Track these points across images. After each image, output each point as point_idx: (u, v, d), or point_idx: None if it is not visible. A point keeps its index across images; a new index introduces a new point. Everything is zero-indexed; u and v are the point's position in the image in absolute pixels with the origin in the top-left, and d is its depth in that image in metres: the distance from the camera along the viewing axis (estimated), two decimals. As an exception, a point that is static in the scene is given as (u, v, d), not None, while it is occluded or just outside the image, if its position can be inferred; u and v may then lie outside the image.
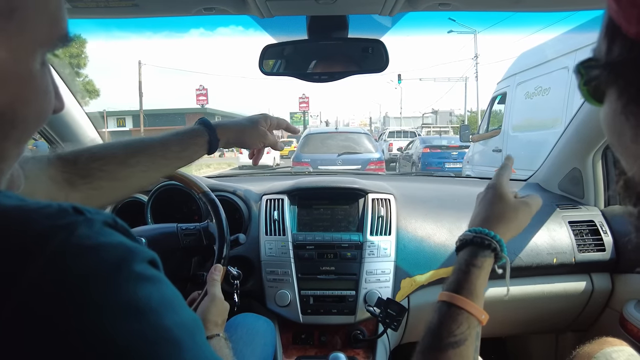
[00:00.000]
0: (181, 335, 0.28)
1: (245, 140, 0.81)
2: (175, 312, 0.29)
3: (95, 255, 0.26)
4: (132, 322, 0.26)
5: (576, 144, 1.33)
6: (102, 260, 0.26)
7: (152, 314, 0.27)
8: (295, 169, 3.77)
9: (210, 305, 0.75)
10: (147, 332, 0.26)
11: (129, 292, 0.26)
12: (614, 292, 1.23)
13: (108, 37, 17.86)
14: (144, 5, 0.83)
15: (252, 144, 0.82)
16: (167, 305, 0.28)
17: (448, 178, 1.89)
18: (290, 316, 1.12)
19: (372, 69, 0.98)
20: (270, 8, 0.84)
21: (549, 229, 1.23)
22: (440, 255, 1.17)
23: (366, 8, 0.86)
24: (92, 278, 0.26)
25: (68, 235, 0.26)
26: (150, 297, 0.27)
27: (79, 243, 0.26)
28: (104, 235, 0.28)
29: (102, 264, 0.26)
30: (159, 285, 0.29)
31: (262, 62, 1.01)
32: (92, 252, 0.26)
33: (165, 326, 0.27)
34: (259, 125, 0.81)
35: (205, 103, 29.81)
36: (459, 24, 15.21)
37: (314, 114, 39.37)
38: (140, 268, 0.28)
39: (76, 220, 0.27)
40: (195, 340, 0.29)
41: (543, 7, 0.84)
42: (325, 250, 1.15)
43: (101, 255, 0.27)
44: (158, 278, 0.29)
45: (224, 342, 0.71)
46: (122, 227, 0.30)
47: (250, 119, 0.82)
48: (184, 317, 0.29)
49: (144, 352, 0.26)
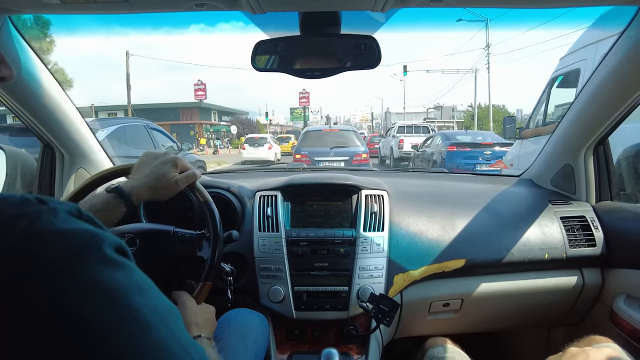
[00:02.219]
0: (150, 317, 0.29)
1: (160, 196, 0.81)
2: (144, 296, 0.30)
3: (59, 240, 0.27)
4: (95, 302, 0.27)
5: (568, 140, 1.34)
6: (66, 245, 0.27)
7: (118, 295, 0.28)
8: (290, 164, 3.91)
9: (181, 309, 0.74)
10: (113, 311, 0.27)
11: (94, 274, 0.27)
12: (604, 287, 1.24)
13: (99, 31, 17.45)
14: (135, 1, 0.83)
15: (167, 195, 0.82)
16: (135, 288, 0.29)
17: (441, 174, 1.90)
18: (284, 312, 1.12)
19: (365, 65, 0.97)
20: (262, 4, 0.84)
21: (541, 224, 1.24)
22: (433, 250, 1.18)
23: (358, 4, 0.86)
24: (57, 260, 0.26)
25: (31, 223, 0.27)
26: (116, 280, 0.28)
27: (43, 229, 0.27)
28: (68, 222, 0.29)
29: (66, 248, 0.27)
30: (126, 270, 0.30)
31: (255, 58, 1.01)
32: (56, 237, 0.27)
33: (132, 307, 0.28)
34: (168, 177, 0.80)
35: (203, 98, 29.30)
36: (470, 11, 14.69)
37: (314, 110, 39.00)
38: (106, 253, 0.29)
39: (39, 209, 0.28)
40: (167, 324, 0.30)
41: (534, 4, 0.85)
42: (319, 247, 1.15)
43: (66, 239, 0.27)
44: (125, 263, 0.30)
45: (206, 342, 0.70)
46: (87, 216, 0.31)
47: (157, 176, 0.80)
48: (155, 301, 0.30)
49: (110, 329, 0.26)
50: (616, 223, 1.23)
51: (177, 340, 0.31)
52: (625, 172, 1.39)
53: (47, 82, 1.12)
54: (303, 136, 8.51)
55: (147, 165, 0.82)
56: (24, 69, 1.04)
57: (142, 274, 0.31)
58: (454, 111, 29.93)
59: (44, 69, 1.10)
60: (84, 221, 0.30)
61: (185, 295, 0.78)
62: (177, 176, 0.82)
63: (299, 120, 34.63)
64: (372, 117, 47.66)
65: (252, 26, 1.07)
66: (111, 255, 0.29)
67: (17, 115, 1.16)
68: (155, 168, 0.81)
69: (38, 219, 0.27)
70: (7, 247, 0.25)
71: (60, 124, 1.22)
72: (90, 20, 10.49)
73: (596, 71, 1.14)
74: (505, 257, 1.18)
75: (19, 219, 0.27)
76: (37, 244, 0.26)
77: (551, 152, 1.42)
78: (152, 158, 0.83)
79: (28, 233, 0.26)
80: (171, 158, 0.83)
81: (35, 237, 0.27)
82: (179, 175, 0.82)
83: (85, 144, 1.33)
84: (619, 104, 1.13)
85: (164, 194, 0.82)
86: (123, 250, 0.31)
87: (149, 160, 0.83)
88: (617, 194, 1.34)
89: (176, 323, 0.32)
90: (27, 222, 0.27)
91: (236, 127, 24.78)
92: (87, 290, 0.27)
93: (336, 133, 8.40)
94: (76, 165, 1.35)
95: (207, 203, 0.88)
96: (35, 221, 0.27)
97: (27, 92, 1.09)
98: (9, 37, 0.97)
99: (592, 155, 1.32)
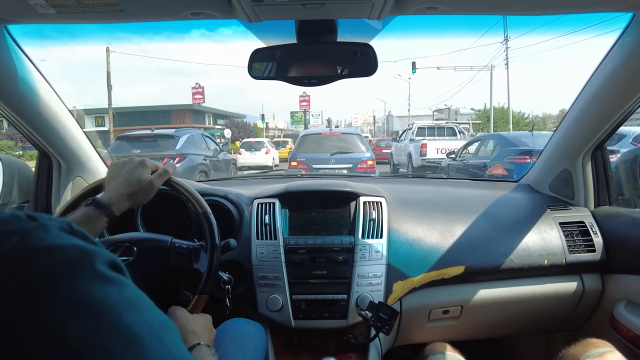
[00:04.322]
0: (143, 334, 0.28)
1: (139, 200, 0.82)
2: (138, 312, 0.29)
3: (49, 256, 0.27)
4: (86, 320, 0.26)
5: (566, 145, 1.34)
6: (56, 260, 0.27)
7: (110, 312, 0.27)
8: (288, 171, 3.84)
9: (176, 321, 0.74)
10: (103, 329, 0.26)
11: (85, 291, 0.27)
12: (605, 293, 1.23)
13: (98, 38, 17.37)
14: (130, 10, 0.83)
15: (146, 198, 0.83)
16: (128, 304, 0.29)
17: (439, 180, 1.90)
18: (282, 321, 1.12)
19: (361, 72, 0.98)
20: (258, 12, 0.84)
21: (540, 230, 1.24)
22: (432, 257, 1.17)
23: (354, 12, 0.86)
24: (43, 276, 0.26)
25: (21, 239, 0.27)
26: (108, 296, 0.28)
27: (32, 245, 0.27)
28: (59, 238, 0.28)
29: (56, 264, 0.27)
30: (120, 286, 0.29)
31: (252, 66, 1.01)
32: (46, 253, 0.27)
33: (125, 324, 0.27)
34: (141, 180, 0.81)
35: (201, 102, 28.67)
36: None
37: (315, 113, 38.68)
38: (97, 269, 0.28)
39: (29, 225, 0.28)
40: (161, 340, 0.29)
41: (529, 11, 0.85)
42: (317, 254, 1.14)
43: (56, 255, 0.27)
44: (118, 279, 0.29)
45: (206, 350, 0.70)
46: (78, 231, 0.31)
47: (131, 182, 0.80)
48: (148, 316, 0.30)
49: (99, 349, 0.26)
50: (615, 228, 1.23)
51: (173, 356, 0.30)
52: (624, 177, 1.39)
53: (43, 90, 1.12)
54: (300, 140, 7.50)
55: (118, 175, 0.82)
56: (21, 78, 1.03)
57: (136, 289, 0.31)
58: (457, 114, 29.26)
59: (40, 78, 1.10)
60: (75, 236, 0.30)
61: (179, 308, 0.77)
62: (150, 177, 0.82)
63: (300, 124, 34.31)
64: (374, 120, 47.54)
65: (248, 33, 1.07)
66: (103, 270, 0.29)
67: (14, 124, 1.15)
68: (126, 175, 0.81)
69: (28, 236, 0.27)
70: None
71: (56, 132, 1.22)
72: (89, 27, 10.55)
73: (592, 77, 1.14)
74: (504, 264, 1.18)
75: (8, 236, 0.27)
76: (27, 260, 0.26)
77: (549, 158, 1.42)
78: (121, 166, 0.83)
79: (17, 249, 0.26)
80: (139, 161, 0.83)
81: (25, 253, 0.26)
82: (151, 176, 0.83)
83: (82, 152, 1.33)
84: (615, 109, 1.13)
85: (142, 198, 0.82)
86: (116, 265, 0.31)
87: (118, 169, 0.83)
88: (616, 199, 1.34)
89: (171, 338, 0.31)
90: (17, 239, 0.27)
91: (230, 131, 24.15)
92: (77, 306, 0.26)
93: (338, 137, 7.37)
94: (73, 173, 1.34)
95: (205, 214, 0.87)
96: (25, 238, 0.27)
97: (23, 101, 1.09)
98: (5, 47, 0.97)
99: (590, 161, 1.32)
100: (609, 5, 0.87)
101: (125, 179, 0.80)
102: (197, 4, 0.83)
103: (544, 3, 0.80)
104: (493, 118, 19.79)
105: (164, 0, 0.83)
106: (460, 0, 0.83)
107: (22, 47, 1.02)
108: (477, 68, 20.68)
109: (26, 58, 1.04)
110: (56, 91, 1.17)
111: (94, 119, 27.28)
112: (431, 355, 1.06)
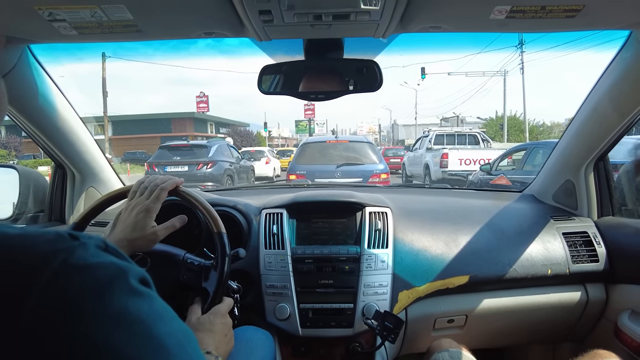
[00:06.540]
0: (170, 344, 0.31)
1: (139, 247, 0.80)
2: (165, 323, 0.32)
3: (90, 274, 0.30)
4: (122, 331, 0.29)
5: (568, 156, 1.36)
6: (96, 278, 0.30)
7: (141, 324, 0.30)
8: (294, 182, 3.53)
9: (191, 326, 0.75)
10: (136, 339, 0.30)
11: (120, 305, 0.30)
12: (609, 303, 1.24)
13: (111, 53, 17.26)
14: (147, 30, 0.87)
15: (147, 247, 0.81)
16: (157, 316, 0.32)
17: (444, 190, 1.91)
18: (290, 329, 1.14)
19: (367, 88, 1.01)
20: (268, 32, 0.88)
21: (543, 240, 1.25)
22: (437, 267, 1.19)
23: (360, 32, 0.90)
24: (88, 292, 0.29)
25: (67, 257, 0.30)
26: (140, 309, 0.31)
27: (76, 263, 0.30)
28: (97, 256, 0.32)
29: (97, 281, 0.30)
30: (149, 300, 0.32)
31: (261, 81, 1.05)
32: (88, 270, 0.30)
33: (155, 335, 0.31)
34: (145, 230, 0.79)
35: (206, 110, 28.37)
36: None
37: (320, 122, 38.42)
38: (131, 284, 0.31)
39: (73, 244, 0.31)
40: (185, 349, 0.33)
41: (528, 30, 0.88)
42: (324, 264, 1.17)
43: (96, 273, 0.30)
44: (148, 293, 0.33)
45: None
46: (112, 249, 0.34)
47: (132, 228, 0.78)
48: (174, 328, 0.33)
49: (133, 357, 0.29)
50: (619, 238, 1.24)
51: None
52: (626, 188, 1.40)
53: (61, 105, 1.16)
54: (300, 150, 6.30)
55: (124, 218, 0.81)
56: (41, 94, 1.08)
57: (162, 301, 0.34)
58: (463, 123, 28.71)
59: (59, 94, 1.15)
60: (110, 254, 0.33)
61: (194, 314, 0.79)
62: (155, 228, 0.81)
63: (304, 133, 34.01)
64: (379, 129, 47.47)
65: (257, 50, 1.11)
66: (136, 286, 0.32)
67: (32, 136, 1.20)
68: (128, 220, 0.80)
69: (72, 254, 0.30)
70: (45, 280, 0.28)
71: (72, 145, 1.27)
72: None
73: (593, 90, 1.17)
74: (508, 273, 1.20)
75: (56, 254, 0.29)
76: (73, 277, 0.29)
77: (552, 168, 1.44)
78: (126, 210, 0.82)
79: (65, 267, 0.29)
80: (144, 208, 0.80)
81: (72, 270, 0.29)
82: (157, 227, 0.81)
83: (95, 163, 1.37)
84: (616, 122, 1.15)
85: (143, 245, 0.80)
86: (146, 280, 0.34)
87: (125, 212, 0.82)
88: (619, 210, 1.36)
89: (192, 346, 0.34)
90: (63, 257, 0.29)
91: (232, 140, 23.69)
92: (115, 320, 0.29)
93: (345, 146, 6.14)
94: (86, 184, 1.38)
95: (219, 234, 0.86)
96: (70, 256, 0.30)
97: (42, 116, 1.14)
98: (27, 65, 1.02)
99: (592, 172, 1.33)
100: (606, 24, 0.90)
101: (128, 224, 0.79)
102: (210, 24, 0.87)
103: (542, 22, 0.83)
104: (511, 126, 19.11)
105: (179, 21, 0.87)
106: (462, 20, 0.86)
107: (43, 64, 1.07)
108: (490, 73, 19.91)
109: (46, 75, 1.09)
110: (72, 106, 1.22)
111: (94, 127, 26.73)
112: (436, 352, 1.06)
